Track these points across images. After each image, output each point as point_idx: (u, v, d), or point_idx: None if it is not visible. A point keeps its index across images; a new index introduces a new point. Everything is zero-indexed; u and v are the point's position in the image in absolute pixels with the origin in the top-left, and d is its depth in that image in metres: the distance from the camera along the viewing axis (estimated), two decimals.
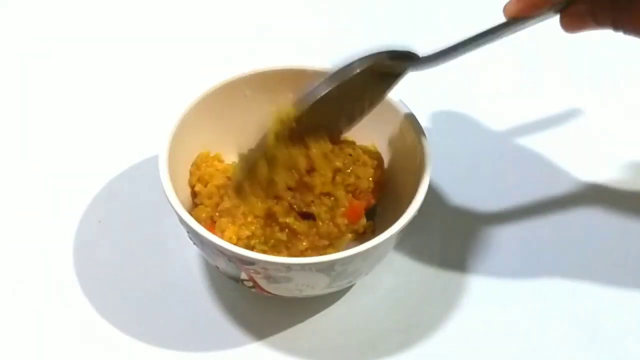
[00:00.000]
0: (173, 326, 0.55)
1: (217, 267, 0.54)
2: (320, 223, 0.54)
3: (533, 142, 0.67)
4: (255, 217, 0.53)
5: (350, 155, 0.55)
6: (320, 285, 0.52)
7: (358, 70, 0.52)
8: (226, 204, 0.54)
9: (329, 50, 0.72)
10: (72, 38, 0.73)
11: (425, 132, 0.55)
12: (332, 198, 0.54)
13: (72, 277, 0.57)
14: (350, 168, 0.55)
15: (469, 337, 0.56)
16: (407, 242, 0.58)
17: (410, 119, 0.56)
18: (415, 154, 0.55)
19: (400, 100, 0.57)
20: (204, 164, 0.56)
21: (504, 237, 0.61)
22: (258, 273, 0.51)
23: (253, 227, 0.53)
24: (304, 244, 0.53)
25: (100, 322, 0.55)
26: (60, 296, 0.56)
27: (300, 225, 0.53)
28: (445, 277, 0.58)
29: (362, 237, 0.55)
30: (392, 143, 0.57)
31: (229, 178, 0.56)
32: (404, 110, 0.56)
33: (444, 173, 0.62)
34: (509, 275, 0.59)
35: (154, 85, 0.69)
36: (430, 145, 0.54)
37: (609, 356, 0.55)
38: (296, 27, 0.74)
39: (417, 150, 0.55)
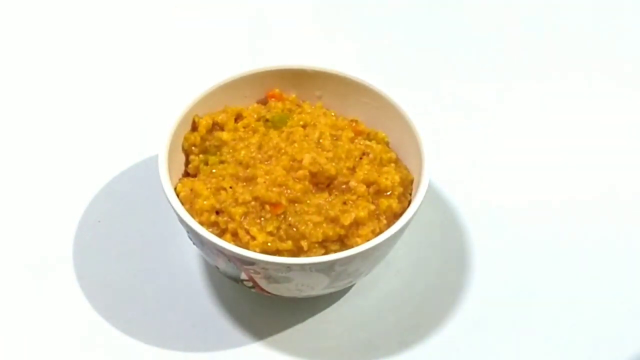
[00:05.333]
0: (173, 326, 0.55)
1: (217, 267, 0.54)
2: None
3: (533, 142, 0.67)
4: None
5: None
6: (320, 285, 0.52)
7: None
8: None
9: (330, 50, 0.72)
10: (72, 37, 0.73)
11: (425, 132, 0.55)
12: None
13: (72, 277, 0.57)
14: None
15: (469, 337, 0.56)
16: (407, 242, 0.58)
17: (410, 118, 0.56)
18: (415, 153, 0.55)
19: (400, 101, 0.57)
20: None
21: (504, 237, 0.61)
22: (258, 273, 0.51)
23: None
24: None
25: (100, 322, 0.55)
26: (60, 296, 0.56)
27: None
28: (445, 277, 0.58)
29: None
30: (392, 143, 0.57)
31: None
32: (404, 111, 0.56)
33: (444, 173, 0.62)
34: (509, 275, 0.59)
35: (154, 85, 0.69)
36: (430, 145, 0.54)
37: (610, 357, 0.55)
38: (296, 27, 0.74)
39: (416, 150, 0.55)
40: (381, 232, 0.52)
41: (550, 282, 0.58)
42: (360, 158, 0.54)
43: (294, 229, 0.51)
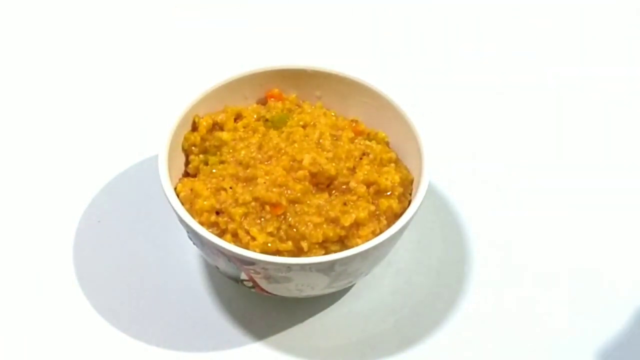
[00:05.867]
0: (173, 326, 0.55)
1: (217, 267, 0.54)
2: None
3: (533, 142, 0.67)
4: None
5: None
6: (320, 285, 0.52)
7: None
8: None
9: (330, 50, 0.72)
10: (72, 37, 0.73)
11: (425, 132, 0.55)
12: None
13: (72, 277, 0.57)
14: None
15: (468, 337, 0.56)
16: (407, 242, 0.58)
17: (410, 118, 0.56)
18: (415, 153, 0.55)
19: (400, 101, 0.57)
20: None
21: (504, 237, 0.61)
22: (258, 273, 0.51)
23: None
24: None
25: (100, 322, 0.55)
26: (60, 296, 0.56)
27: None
28: (445, 277, 0.58)
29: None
30: (392, 143, 0.57)
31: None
32: (403, 111, 0.56)
33: (444, 173, 0.62)
34: (509, 275, 0.59)
35: (154, 85, 0.69)
36: (430, 146, 0.54)
37: (610, 356, 0.55)
38: (296, 27, 0.74)
39: (416, 150, 0.55)
40: (381, 232, 0.52)
41: (551, 283, 0.58)
42: (360, 158, 0.54)
43: (294, 230, 0.51)
